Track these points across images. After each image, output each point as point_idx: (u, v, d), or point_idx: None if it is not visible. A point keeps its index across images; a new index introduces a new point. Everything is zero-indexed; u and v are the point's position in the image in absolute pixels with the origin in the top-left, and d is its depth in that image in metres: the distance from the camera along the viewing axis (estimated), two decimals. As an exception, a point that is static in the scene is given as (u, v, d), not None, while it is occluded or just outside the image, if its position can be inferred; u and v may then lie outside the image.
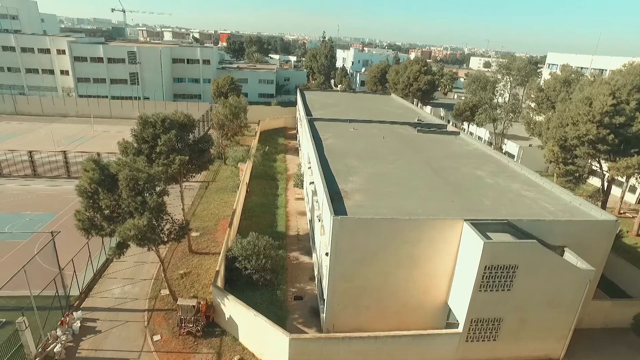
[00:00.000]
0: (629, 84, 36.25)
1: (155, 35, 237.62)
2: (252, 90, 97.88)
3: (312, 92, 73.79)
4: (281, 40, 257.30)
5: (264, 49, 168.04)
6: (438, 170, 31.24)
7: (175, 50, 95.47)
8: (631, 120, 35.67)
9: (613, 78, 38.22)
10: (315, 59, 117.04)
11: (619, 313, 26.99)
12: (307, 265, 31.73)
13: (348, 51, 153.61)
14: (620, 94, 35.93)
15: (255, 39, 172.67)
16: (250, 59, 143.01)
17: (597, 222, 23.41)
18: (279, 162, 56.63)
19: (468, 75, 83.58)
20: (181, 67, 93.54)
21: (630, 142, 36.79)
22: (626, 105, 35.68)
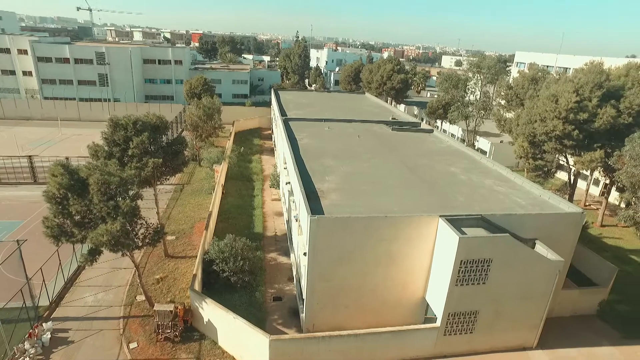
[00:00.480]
0: (590, 82, 37.76)
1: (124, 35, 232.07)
2: (225, 90, 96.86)
3: (287, 92, 73.60)
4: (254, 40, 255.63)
5: (237, 49, 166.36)
6: (413, 167, 31.70)
7: (146, 50, 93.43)
8: (593, 117, 37.16)
9: (576, 76, 39.73)
10: (289, 59, 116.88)
11: (586, 301, 28.13)
12: (286, 266, 31.65)
13: (322, 51, 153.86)
14: (583, 92, 37.38)
15: (228, 39, 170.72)
16: (223, 59, 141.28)
17: (565, 215, 24.30)
18: (255, 163, 56.25)
19: (440, 73, 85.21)
20: (152, 67, 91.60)
21: (594, 137, 38.35)
22: (589, 102, 37.15)
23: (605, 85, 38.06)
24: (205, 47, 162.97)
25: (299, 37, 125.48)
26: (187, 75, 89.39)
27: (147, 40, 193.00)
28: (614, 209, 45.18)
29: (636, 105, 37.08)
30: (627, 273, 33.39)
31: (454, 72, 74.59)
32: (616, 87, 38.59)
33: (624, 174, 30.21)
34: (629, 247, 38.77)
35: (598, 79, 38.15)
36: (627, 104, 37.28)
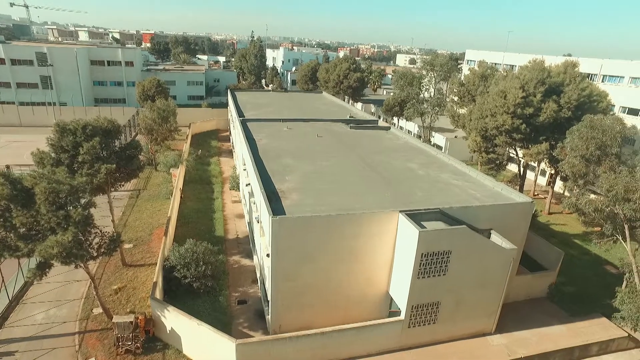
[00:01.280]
0: (534, 79, 39.94)
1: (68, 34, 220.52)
2: (180, 92, 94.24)
3: (244, 92, 72.67)
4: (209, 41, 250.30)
5: (191, 49, 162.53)
6: (372, 164, 32.22)
7: (93, 51, 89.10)
8: (538, 111, 39.34)
9: (522, 73, 41.90)
10: (245, 59, 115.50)
11: (537, 285, 29.78)
12: (249, 268, 31.29)
13: (278, 50, 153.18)
14: (528, 87, 39.47)
15: (181, 40, 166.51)
16: (177, 60, 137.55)
17: (517, 205, 25.58)
18: (213, 165, 55.18)
19: (395, 72, 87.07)
20: (101, 69, 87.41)
21: (539, 130, 40.61)
22: (533, 97, 39.28)
23: (547, 81, 40.40)
24: (158, 48, 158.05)
25: (254, 37, 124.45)
26: (139, 77, 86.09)
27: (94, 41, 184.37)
28: (559, 197, 48.00)
29: (574, 100, 39.63)
30: (571, 256, 35.67)
31: (409, 70, 76.49)
32: (557, 84, 41.05)
33: (566, 164, 32.14)
34: (573, 232, 41.37)
35: (541, 75, 40.44)
36: (567, 99, 39.76)
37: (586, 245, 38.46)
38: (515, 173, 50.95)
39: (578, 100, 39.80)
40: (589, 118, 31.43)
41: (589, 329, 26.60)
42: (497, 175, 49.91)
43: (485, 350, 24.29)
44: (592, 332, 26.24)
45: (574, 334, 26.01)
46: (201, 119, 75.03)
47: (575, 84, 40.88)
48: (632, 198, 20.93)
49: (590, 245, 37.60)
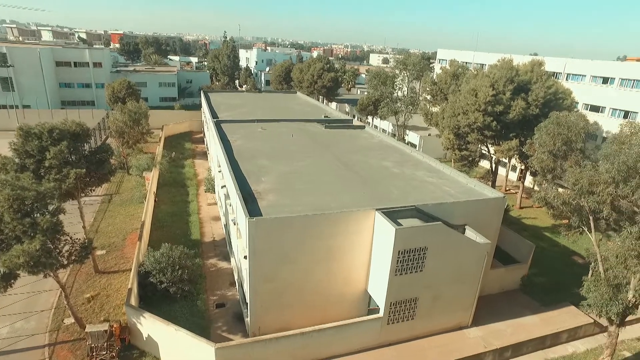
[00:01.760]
0: (503, 77, 41.02)
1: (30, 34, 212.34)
2: (152, 94, 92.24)
3: (217, 93, 71.76)
4: (180, 41, 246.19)
5: (162, 50, 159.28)
6: (347, 164, 32.38)
7: (58, 51, 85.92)
8: (508, 109, 40.43)
9: (491, 72, 42.96)
10: (217, 60, 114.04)
11: (510, 277, 30.64)
12: (227, 271, 30.93)
13: (251, 51, 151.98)
14: (498, 86, 40.51)
15: (152, 40, 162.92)
16: (147, 61, 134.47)
17: (490, 200, 26.24)
18: (188, 168, 54.28)
19: (369, 71, 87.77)
20: (67, 70, 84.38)
21: (509, 127, 41.75)
22: (503, 95, 40.34)
23: (515, 80, 41.58)
24: (127, 49, 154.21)
25: (227, 37, 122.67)
26: (109, 79, 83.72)
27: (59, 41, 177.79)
28: (529, 192, 49.49)
29: (541, 98, 40.96)
30: (542, 248, 36.85)
31: (382, 70, 77.21)
32: (524, 82, 42.31)
33: (535, 160, 33.09)
34: (543, 225, 42.74)
35: (509, 74, 41.60)
36: (534, 96, 41.04)
37: (555, 238, 39.82)
38: (488, 169, 52.19)
39: (545, 97, 41.14)
40: (555, 115, 32.45)
41: (559, 317, 27.58)
42: (470, 172, 51.03)
43: (463, 343, 24.81)
44: (562, 321, 27.22)
45: (546, 323, 26.90)
46: (174, 120, 73.68)
47: (542, 82, 42.25)
48: (595, 191, 21.73)
49: (559, 237, 38.95)
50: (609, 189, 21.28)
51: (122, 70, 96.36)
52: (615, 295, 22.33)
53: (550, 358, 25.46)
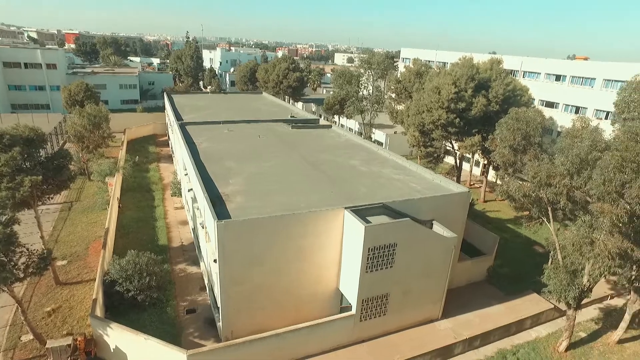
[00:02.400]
0: (465, 75, 42.23)
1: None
2: (112, 96, 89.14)
3: (181, 95, 70.18)
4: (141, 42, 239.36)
5: (121, 51, 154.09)
6: (315, 163, 32.46)
7: (5, 51, 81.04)
8: (470, 105, 41.66)
9: (453, 70, 44.12)
10: (180, 61, 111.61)
11: (477, 269, 31.63)
12: (196, 276, 30.35)
13: (215, 51, 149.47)
14: (460, 83, 41.66)
15: (111, 40, 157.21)
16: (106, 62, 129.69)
17: (455, 195, 26.97)
18: (153, 172, 52.83)
19: (334, 70, 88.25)
20: (17, 72, 79.83)
21: (472, 123, 43.04)
22: (465, 92, 41.54)
23: (476, 77, 42.90)
24: (84, 49, 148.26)
25: (189, 37, 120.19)
26: (65, 81, 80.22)
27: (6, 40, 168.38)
28: (492, 186, 51.20)
29: (500, 95, 42.49)
30: (506, 240, 38.24)
31: (347, 69, 77.83)
32: (485, 79, 43.74)
33: (497, 154, 34.30)
34: (506, 218, 44.37)
35: (470, 72, 42.88)
36: (494, 93, 42.52)
37: (517, 229, 41.43)
38: (452, 165, 53.61)
39: (504, 94, 42.70)
40: (514, 111, 33.71)
41: (523, 305, 28.74)
42: (436, 168, 52.27)
43: (434, 335, 25.41)
44: (526, 308, 28.38)
45: (511, 312, 27.95)
46: (137, 124, 71.51)
47: (501, 79, 43.82)
48: (553, 183, 22.79)
49: (521, 228, 40.58)
50: (564, 180, 22.36)
51: (79, 72, 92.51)
52: (572, 281, 23.56)
53: (515, 344, 26.48)
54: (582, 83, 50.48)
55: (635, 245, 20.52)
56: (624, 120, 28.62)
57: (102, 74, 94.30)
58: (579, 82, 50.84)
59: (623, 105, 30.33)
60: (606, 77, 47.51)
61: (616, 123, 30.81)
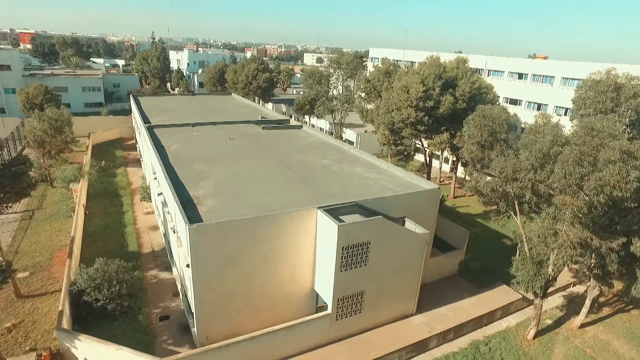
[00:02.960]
0: (432, 74, 43.09)
1: None
2: (75, 99, 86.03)
3: (148, 97, 68.47)
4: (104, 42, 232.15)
5: (83, 52, 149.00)
6: (287, 164, 32.37)
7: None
8: (438, 104, 42.54)
9: (421, 69, 44.93)
10: (146, 62, 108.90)
11: (449, 264, 32.37)
12: (169, 282, 29.69)
13: (182, 52, 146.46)
14: (428, 82, 42.48)
15: (71, 41, 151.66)
16: (67, 63, 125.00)
17: (426, 192, 27.47)
18: (120, 177, 51.31)
19: (304, 70, 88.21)
20: (-34, 74, 76.07)
21: (440, 121, 43.96)
22: (433, 91, 42.38)
23: (443, 76, 43.86)
24: (42, 50, 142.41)
25: (155, 38, 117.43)
26: (21, 83, 76.79)
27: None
28: (461, 182, 52.44)
29: (467, 93, 43.59)
30: (476, 234, 39.27)
31: (317, 69, 77.99)
32: (451, 78, 44.77)
33: (465, 151, 35.13)
34: (475, 212, 45.60)
35: (438, 71, 43.80)
36: (461, 91, 43.59)
37: (487, 223, 42.65)
38: (423, 162, 54.59)
39: (470, 92, 43.84)
40: (481, 108, 34.60)
41: (493, 296, 29.62)
42: (406, 166, 53.14)
43: (409, 330, 25.81)
44: (496, 299, 29.26)
45: (482, 304, 28.75)
46: (102, 127, 69.23)
47: (467, 78, 44.96)
48: (518, 177, 23.59)
49: (489, 222, 41.78)
50: (529, 175, 23.18)
51: (37, 74, 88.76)
52: (539, 271, 24.51)
53: (487, 335, 27.27)
54: (542, 81, 52.51)
55: (594, 234, 21.52)
56: (581, 116, 29.97)
57: (63, 76, 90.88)
58: (539, 80, 52.85)
59: (580, 102, 31.76)
60: (564, 76, 49.61)
61: (574, 119, 32.21)
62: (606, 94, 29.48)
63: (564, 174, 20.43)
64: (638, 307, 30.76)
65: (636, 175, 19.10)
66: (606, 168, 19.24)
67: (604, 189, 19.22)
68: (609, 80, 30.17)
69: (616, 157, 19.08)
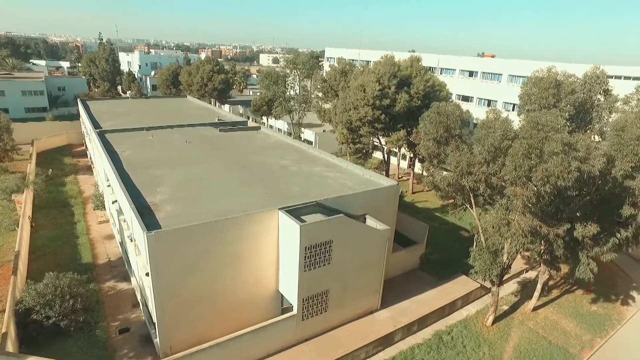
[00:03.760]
0: (387, 73, 43.96)
1: None
2: (14, 104, 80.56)
3: (98, 101, 65.42)
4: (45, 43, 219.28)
5: (21, 53, 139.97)
6: (246, 166, 31.99)
7: None
8: (394, 102, 43.47)
9: (376, 68, 45.72)
10: (94, 64, 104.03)
11: (410, 258, 33.19)
12: (128, 292, 28.54)
13: (133, 54, 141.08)
14: (383, 81, 43.30)
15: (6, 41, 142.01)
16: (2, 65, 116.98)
17: (385, 188, 28.02)
18: (70, 185, 48.69)
19: (260, 71, 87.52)
20: None
21: (396, 119, 44.92)
22: (388, 89, 43.24)
23: (398, 75, 44.85)
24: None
25: (102, 39, 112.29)
26: (-49, 89, 71.16)
27: None
28: (419, 178, 53.90)
29: (421, 91, 44.85)
30: (435, 228, 40.48)
31: (273, 70, 77.53)
32: (406, 76, 45.88)
33: (422, 147, 36.03)
34: (433, 207, 46.99)
35: (392, 70, 44.73)
36: (415, 89, 44.77)
37: (445, 216, 44.07)
38: (381, 160, 55.57)
39: (424, 90, 45.11)
40: (436, 105, 35.64)
41: (454, 287, 30.69)
42: (365, 164, 53.92)
43: (374, 325, 26.23)
44: (456, 290, 30.33)
45: (443, 295, 29.70)
46: (47, 134, 65.41)
47: (421, 76, 46.23)
48: (473, 171, 24.56)
49: (447, 215, 43.16)
50: (482, 168, 24.18)
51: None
52: (495, 260, 25.67)
53: (449, 324, 28.20)
54: (491, 78, 54.93)
55: (542, 222, 22.80)
56: (527, 112, 31.56)
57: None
58: (488, 77, 55.25)
59: (525, 98, 33.46)
60: (511, 73, 52.15)
61: (521, 114, 33.89)
62: (548, 90, 31.23)
63: (514, 166, 21.48)
64: (581, 287, 32.96)
65: (576, 166, 20.41)
66: (551, 160, 20.40)
67: (550, 179, 20.39)
68: (550, 77, 31.98)
69: (559, 149, 20.28)
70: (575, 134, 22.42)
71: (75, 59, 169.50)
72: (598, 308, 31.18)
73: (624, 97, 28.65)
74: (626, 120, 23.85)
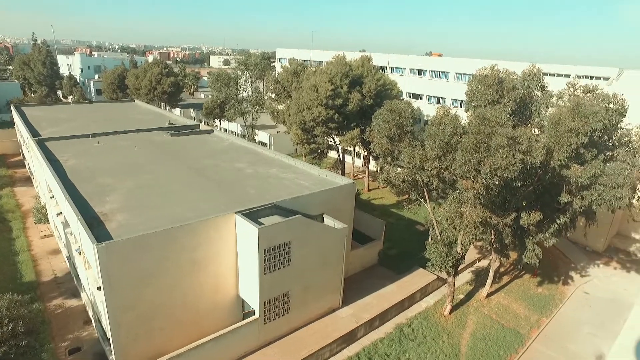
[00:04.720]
0: (339, 72, 44.46)
1: None
2: (-64, 113, 73.95)
3: (35, 107, 61.28)
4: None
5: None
6: (200, 170, 31.23)
7: None
8: (347, 101, 44.03)
9: (328, 68, 46.09)
10: (29, 67, 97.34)
11: (369, 254, 33.76)
12: (78, 309, 27.01)
13: (73, 56, 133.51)
14: (336, 81, 43.73)
15: None
16: None
17: (341, 187, 28.31)
18: (6, 198, 45.33)
19: (211, 73, 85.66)
20: None
21: (350, 118, 45.53)
22: (341, 89, 43.74)
23: (350, 74, 45.46)
24: None
25: (37, 40, 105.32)
26: None
27: None
28: (374, 175, 54.94)
29: (373, 89, 45.72)
30: (391, 224, 41.45)
31: (224, 71, 76.19)
32: (358, 76, 46.60)
33: (376, 145, 36.73)
34: (389, 203, 48.06)
35: (344, 69, 45.27)
36: (367, 88, 45.57)
37: (400, 212, 45.19)
38: (336, 159, 56.13)
39: (376, 89, 46.02)
40: (388, 103, 36.45)
41: (412, 280, 31.54)
42: (321, 163, 54.19)
43: (337, 323, 26.43)
44: (414, 283, 31.20)
45: (402, 289, 30.44)
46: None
47: (372, 75, 47.12)
48: (425, 166, 25.36)
49: (403, 211, 44.30)
50: (434, 163, 25.02)
51: None
52: (449, 251, 26.68)
53: (409, 317, 28.96)
54: (439, 76, 56.92)
55: (492, 213, 23.94)
56: (474, 108, 32.97)
57: None
58: (437, 75, 57.22)
59: (472, 94, 34.91)
60: (457, 71, 54.30)
61: (468, 110, 35.36)
62: (492, 87, 32.79)
63: (464, 160, 22.40)
64: (529, 272, 35.05)
65: (520, 158, 21.61)
66: (497, 153, 21.46)
67: (497, 172, 21.44)
68: (493, 75, 33.59)
69: (504, 142, 21.37)
70: (518, 128, 23.72)
71: (5, 61, 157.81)
72: (543, 290, 33.22)
73: (558, 92, 30.63)
74: (560, 114, 25.52)
